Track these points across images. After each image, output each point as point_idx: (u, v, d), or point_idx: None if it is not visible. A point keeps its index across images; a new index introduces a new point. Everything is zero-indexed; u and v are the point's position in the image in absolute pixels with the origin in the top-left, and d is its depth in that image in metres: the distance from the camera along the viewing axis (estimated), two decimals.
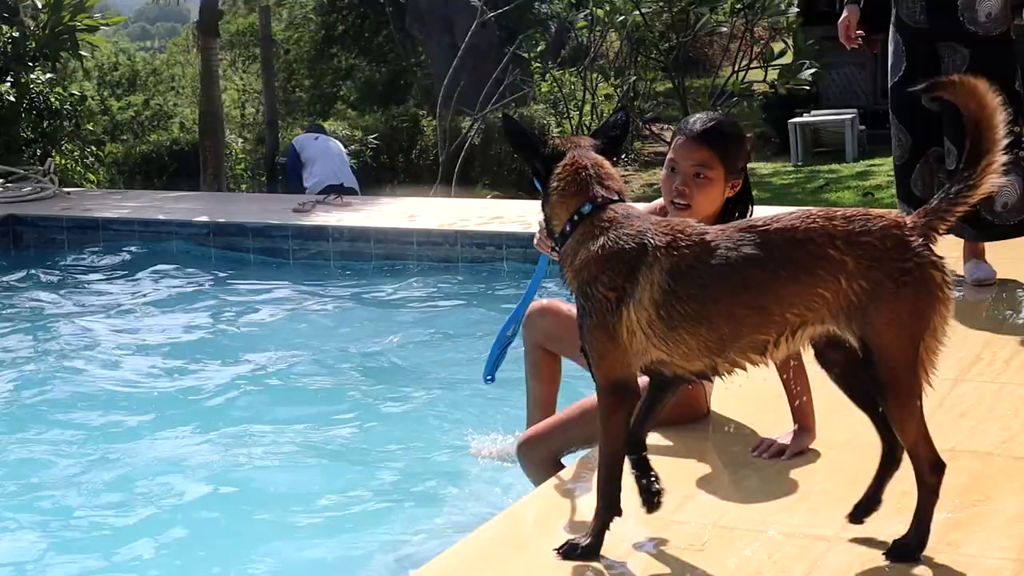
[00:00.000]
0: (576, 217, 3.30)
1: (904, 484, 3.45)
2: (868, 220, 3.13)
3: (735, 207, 4.13)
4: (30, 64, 13.10)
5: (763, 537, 3.38)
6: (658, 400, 3.44)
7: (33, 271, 9.88)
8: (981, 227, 6.33)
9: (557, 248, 3.39)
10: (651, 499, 3.41)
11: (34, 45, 13.22)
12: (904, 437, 3.23)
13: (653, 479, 3.41)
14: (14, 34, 13.08)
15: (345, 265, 9.50)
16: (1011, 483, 3.80)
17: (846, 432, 4.06)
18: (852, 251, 3.08)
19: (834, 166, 14.97)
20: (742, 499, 3.59)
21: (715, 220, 3.95)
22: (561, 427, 4.27)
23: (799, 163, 15.60)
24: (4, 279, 9.70)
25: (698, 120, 4.09)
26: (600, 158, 3.41)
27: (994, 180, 3.16)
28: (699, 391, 4.29)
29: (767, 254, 3.11)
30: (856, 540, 3.39)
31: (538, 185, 3.46)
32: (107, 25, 14.65)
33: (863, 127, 15.91)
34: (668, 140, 14.21)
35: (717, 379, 3.33)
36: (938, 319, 3.14)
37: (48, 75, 13.19)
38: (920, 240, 3.13)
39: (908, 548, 3.26)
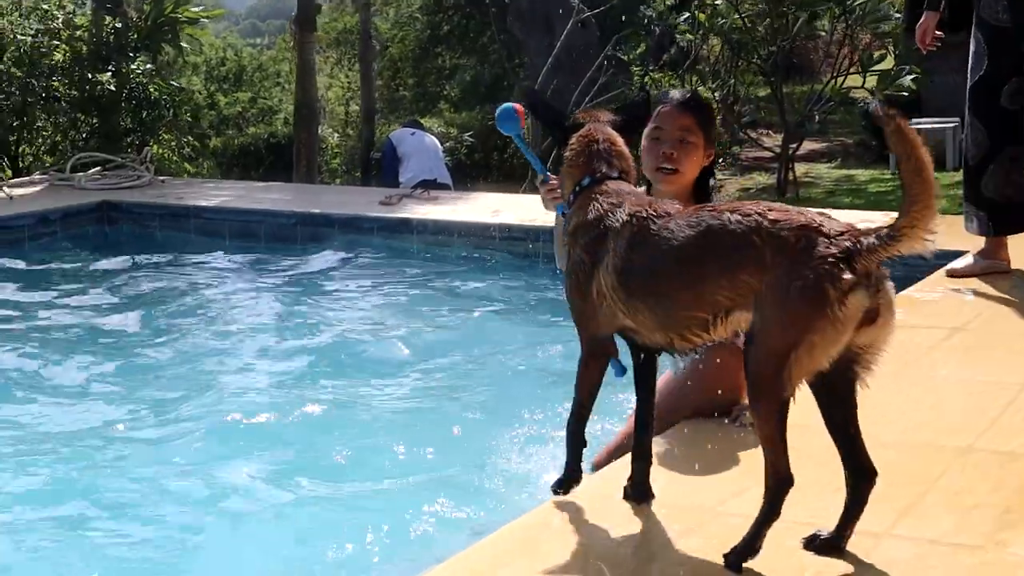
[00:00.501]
0: (578, 188, 3.57)
1: (960, 482, 3.61)
2: (793, 217, 3.11)
3: (706, 182, 4.37)
4: (131, 55, 13.30)
5: (807, 531, 3.35)
6: (644, 400, 3.62)
7: (125, 255, 10.07)
8: None
9: (567, 213, 3.63)
10: (641, 493, 3.65)
11: (136, 36, 13.44)
12: (761, 438, 3.19)
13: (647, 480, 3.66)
14: (116, 25, 13.30)
15: (427, 258, 9.53)
16: None
17: (891, 432, 4.14)
18: (771, 242, 3.07)
19: (936, 174, 14.74)
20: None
21: (693, 188, 4.31)
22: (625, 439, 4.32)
23: (896, 171, 15.34)
24: (97, 263, 9.91)
25: (677, 92, 4.43)
26: (613, 134, 3.66)
27: (916, 244, 3.01)
28: (727, 376, 4.27)
29: (704, 237, 3.19)
30: (910, 537, 3.40)
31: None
32: (207, 18, 14.83)
33: (964, 136, 15.63)
34: (765, 145, 14.00)
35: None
36: (816, 336, 3.03)
37: (148, 66, 13.36)
38: (834, 252, 3.03)
39: (735, 551, 3.22)
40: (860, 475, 3.25)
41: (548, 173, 4.17)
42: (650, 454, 3.68)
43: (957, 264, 6.77)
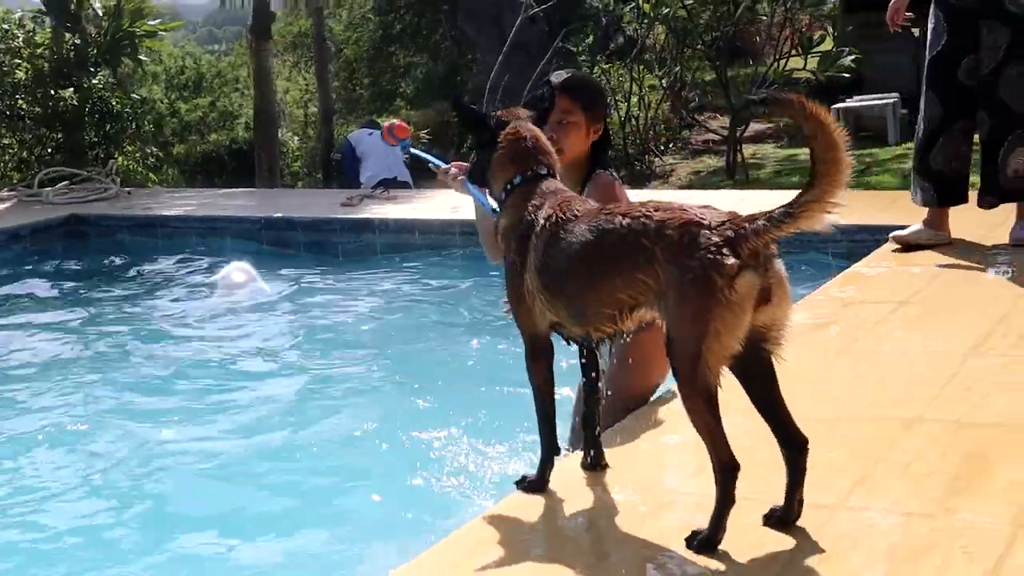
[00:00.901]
0: (509, 187, 3.69)
1: (909, 452, 3.75)
2: (676, 214, 3.22)
3: (602, 150, 4.57)
4: (92, 70, 13.54)
5: (765, 508, 3.44)
6: (589, 379, 3.82)
7: (95, 267, 10.33)
8: (992, 191, 6.74)
9: (498, 211, 3.77)
10: (595, 461, 3.90)
11: (96, 51, 13.68)
12: (698, 430, 3.26)
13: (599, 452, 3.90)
14: (76, 41, 13.54)
15: (390, 256, 9.77)
16: (1012, 452, 3.89)
17: (841, 406, 4.39)
18: (660, 242, 3.18)
19: (875, 150, 15.11)
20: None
21: (587, 161, 4.51)
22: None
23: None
24: (67, 275, 10.15)
25: (558, 75, 4.54)
26: (537, 131, 3.79)
27: (819, 219, 3.09)
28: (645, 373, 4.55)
29: (601, 240, 3.35)
30: (864, 508, 3.52)
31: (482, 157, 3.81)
32: (165, 31, 15.09)
33: (904, 111, 16.04)
34: (712, 128, 14.35)
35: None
36: (718, 323, 3.11)
37: (110, 80, 13.60)
38: (716, 241, 3.13)
39: (698, 540, 3.29)
40: (792, 446, 3.34)
41: (442, 163, 4.48)
42: (596, 422, 3.86)
43: (902, 232, 6.99)
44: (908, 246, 6.92)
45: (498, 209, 3.76)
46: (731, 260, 3.09)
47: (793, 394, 3.29)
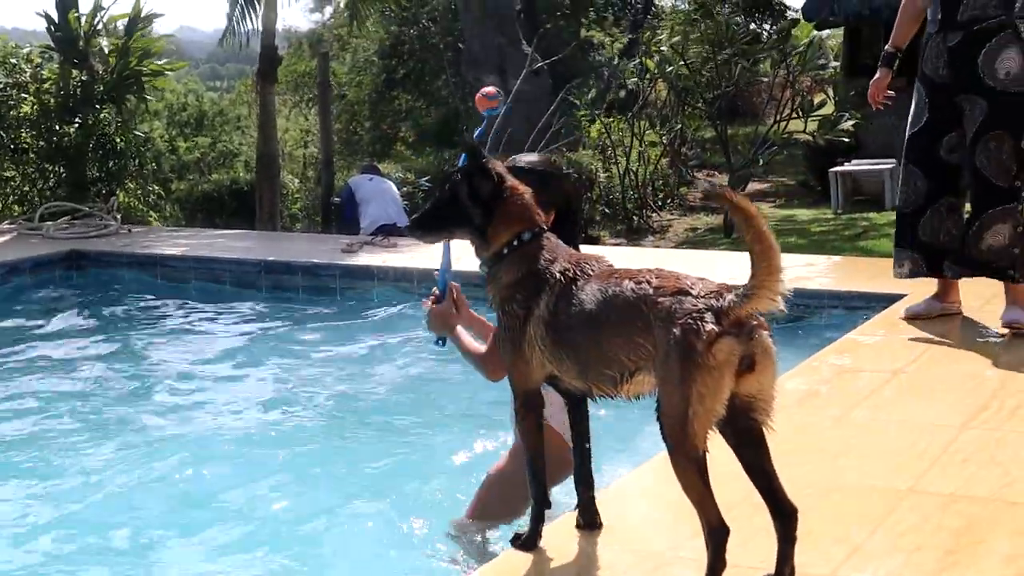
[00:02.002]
0: (516, 242, 3.71)
1: (903, 523, 3.81)
2: (670, 283, 3.35)
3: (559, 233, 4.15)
4: (97, 107, 13.64)
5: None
6: (578, 435, 3.92)
7: (93, 303, 10.36)
8: (962, 263, 6.73)
9: (486, 267, 3.78)
10: (589, 520, 3.96)
11: (101, 88, 13.78)
12: (687, 494, 3.34)
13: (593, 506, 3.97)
14: (83, 78, 13.65)
15: (389, 304, 9.75)
16: (1006, 527, 3.96)
17: (835, 474, 4.43)
18: (653, 309, 3.32)
19: (872, 214, 15.24)
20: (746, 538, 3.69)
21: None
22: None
23: (839, 211, 15.89)
24: (65, 310, 10.15)
25: (511, 161, 4.34)
26: (523, 185, 3.84)
27: (766, 303, 3.18)
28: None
29: (608, 303, 3.45)
30: None
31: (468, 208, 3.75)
32: (171, 70, 15.21)
33: None
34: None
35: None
36: (700, 387, 3.20)
37: (116, 119, 13.70)
38: (699, 307, 3.25)
39: None
40: (782, 515, 3.40)
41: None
42: (590, 482, 3.94)
43: (914, 307, 7.01)
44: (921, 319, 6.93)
45: (489, 267, 3.75)
46: (710, 326, 3.21)
47: (787, 462, 3.35)
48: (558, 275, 3.62)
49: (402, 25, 26.17)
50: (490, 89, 4.73)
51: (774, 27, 14.47)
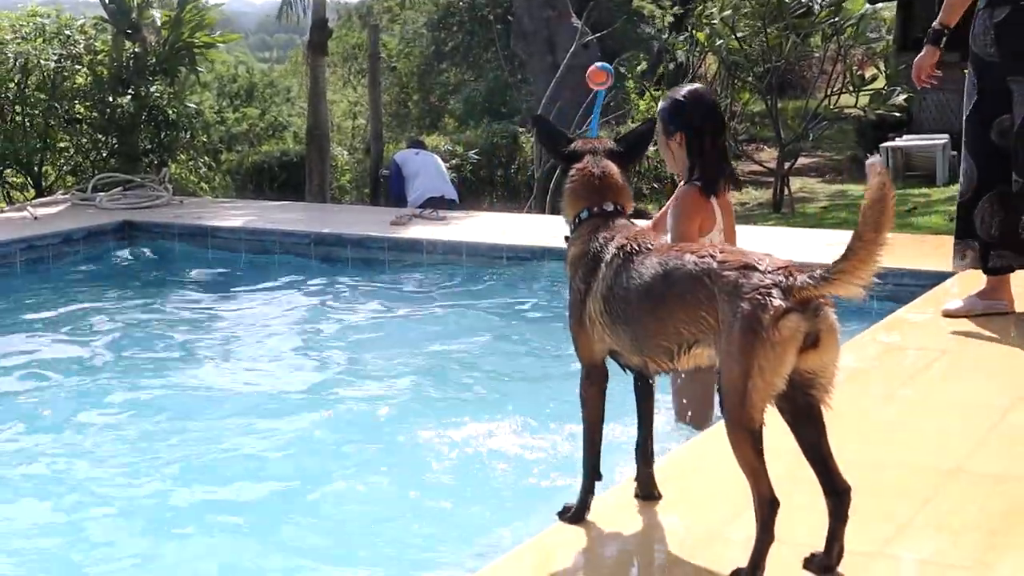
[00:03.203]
0: (577, 220, 3.89)
1: (949, 503, 3.83)
2: (737, 258, 3.39)
3: (699, 158, 4.97)
4: (149, 78, 13.74)
5: (807, 551, 3.54)
6: (643, 413, 4.01)
7: (145, 274, 10.49)
8: (1009, 246, 6.41)
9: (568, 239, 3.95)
10: (648, 492, 4.06)
11: (154, 60, 13.87)
12: (740, 466, 3.38)
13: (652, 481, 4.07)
14: (136, 50, 13.74)
15: (437, 276, 9.86)
16: None
17: (883, 453, 4.44)
18: (719, 281, 3.34)
19: (924, 190, 15.14)
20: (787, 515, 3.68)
21: (687, 172, 4.97)
22: None
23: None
24: (117, 281, 10.29)
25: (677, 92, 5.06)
26: (611, 166, 3.95)
27: (851, 289, 3.18)
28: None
29: (669, 275, 3.50)
30: (902, 558, 3.61)
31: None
32: (223, 43, 15.28)
33: (955, 152, 16.04)
34: (758, 161, 14.45)
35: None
36: (762, 361, 3.22)
37: (168, 90, 13.79)
38: (767, 283, 3.26)
39: None
40: (835, 494, 3.43)
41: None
42: (651, 459, 4.03)
43: (951, 306, 6.62)
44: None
45: (568, 235, 3.94)
46: (778, 302, 3.23)
47: (835, 438, 3.37)
48: (615, 250, 3.70)
49: None
50: (602, 66, 5.05)
51: (826, 0, 14.26)
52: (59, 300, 9.53)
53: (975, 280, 6.65)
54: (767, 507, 3.35)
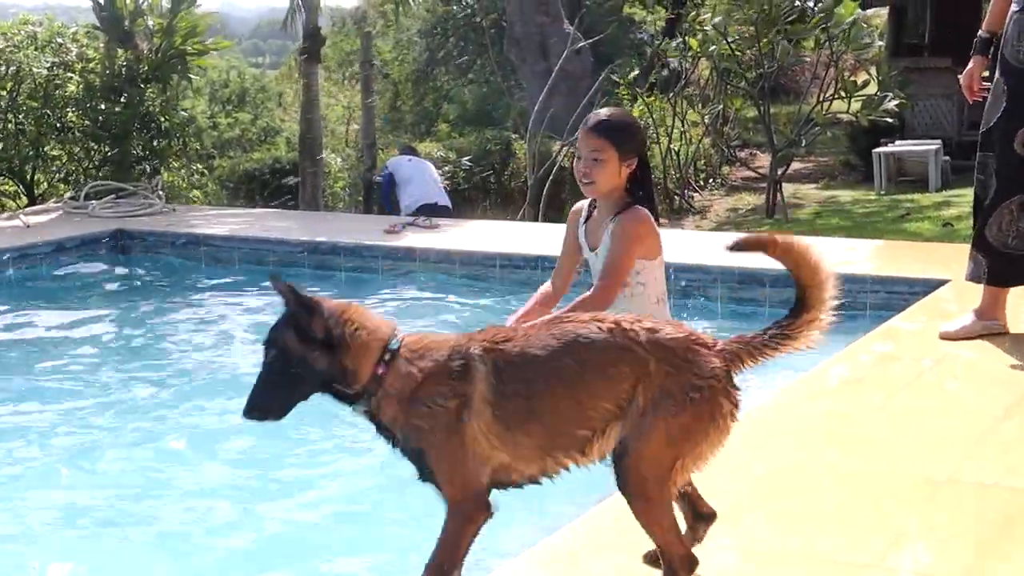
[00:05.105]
0: (388, 356, 3.30)
1: (942, 513, 3.84)
2: (675, 328, 3.23)
3: (638, 185, 4.80)
4: (142, 86, 13.72)
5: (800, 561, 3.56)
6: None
7: (138, 283, 10.46)
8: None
9: (364, 402, 3.34)
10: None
11: (146, 68, 13.86)
12: (653, 538, 3.25)
13: None
14: (128, 57, 13.73)
15: (431, 285, 9.81)
16: None
17: (875, 463, 4.43)
18: (655, 352, 3.14)
19: (916, 196, 15.16)
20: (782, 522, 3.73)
21: (620, 199, 4.75)
22: None
23: (882, 192, 15.82)
24: (110, 289, 10.26)
25: (596, 114, 4.82)
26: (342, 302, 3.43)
27: (814, 337, 3.21)
28: None
29: (582, 349, 3.19)
30: (894, 569, 3.59)
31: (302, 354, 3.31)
32: (216, 50, 15.29)
33: (947, 158, 16.09)
34: (751, 167, 14.50)
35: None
36: (707, 446, 3.15)
37: (160, 98, 13.79)
38: (720, 364, 3.16)
39: None
40: (702, 518, 3.46)
41: None
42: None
43: (950, 327, 6.37)
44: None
45: (369, 396, 3.33)
46: (737, 390, 3.19)
47: (827, 448, 3.37)
48: (479, 351, 3.28)
49: (446, 3, 26.19)
50: None
51: (818, 5, 14.29)
52: (52, 309, 9.49)
53: (969, 290, 6.58)
54: (690, 565, 3.28)
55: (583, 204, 4.98)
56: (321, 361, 3.27)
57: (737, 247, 3.32)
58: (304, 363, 3.28)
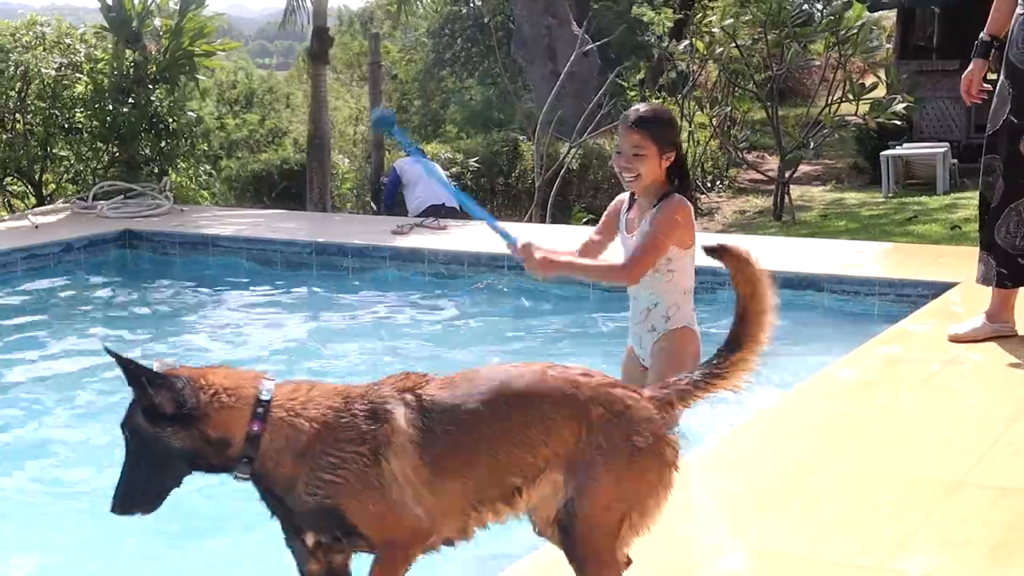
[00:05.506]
0: (260, 409, 3.00)
1: (952, 516, 3.81)
2: (613, 380, 3.11)
3: (675, 175, 4.94)
4: (150, 87, 13.74)
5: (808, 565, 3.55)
6: None
7: (146, 283, 10.46)
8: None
9: (243, 467, 3.01)
10: None
11: (154, 68, 13.87)
12: None
13: None
14: (136, 58, 13.73)
15: (438, 286, 9.85)
16: None
17: (885, 466, 4.42)
18: (597, 399, 3.00)
19: (923, 198, 15.15)
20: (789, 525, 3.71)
21: (660, 188, 4.89)
22: None
23: (889, 195, 15.81)
24: (118, 290, 10.27)
25: (633, 110, 4.93)
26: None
27: (743, 379, 3.09)
28: None
29: (518, 394, 3.02)
30: (905, 572, 3.59)
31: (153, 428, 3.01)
32: (223, 51, 15.30)
33: (955, 160, 16.06)
34: (759, 169, 14.45)
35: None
36: (653, 501, 3.00)
37: (168, 99, 13.80)
38: (657, 414, 3.04)
39: None
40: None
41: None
42: None
43: (960, 329, 6.35)
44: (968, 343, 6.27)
45: (247, 461, 3.01)
46: (677, 439, 3.06)
47: (836, 452, 3.36)
48: (398, 395, 3.05)
49: (454, 4, 26.20)
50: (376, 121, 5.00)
51: (827, 8, 14.29)
52: (60, 309, 9.52)
53: (978, 292, 6.56)
54: None
55: (625, 196, 5.14)
56: (181, 439, 2.96)
57: (712, 252, 3.30)
58: (162, 445, 2.97)
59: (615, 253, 5.11)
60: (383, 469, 2.92)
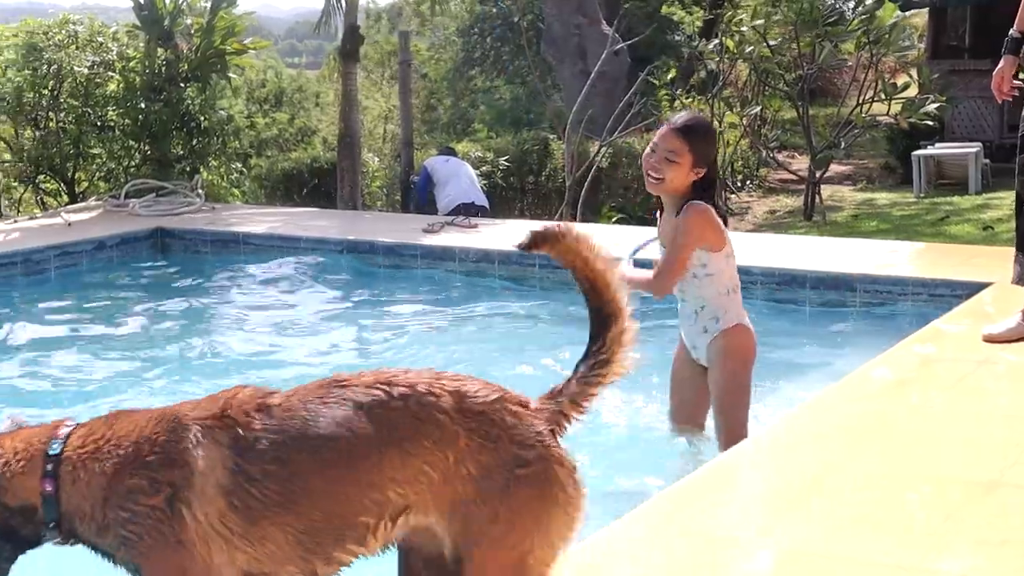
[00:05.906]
0: (50, 466, 2.70)
1: (988, 516, 3.81)
2: (485, 389, 2.70)
3: (702, 191, 4.99)
4: (181, 85, 13.80)
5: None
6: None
7: (177, 281, 10.51)
8: None
9: (51, 532, 2.72)
10: None
11: (186, 67, 13.93)
12: None
13: None
14: (168, 57, 13.81)
15: (470, 284, 9.86)
16: None
17: (920, 466, 4.40)
18: (465, 422, 2.61)
19: (955, 199, 15.09)
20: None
21: (682, 198, 4.95)
22: None
23: (921, 195, 15.75)
24: (151, 288, 10.32)
25: (681, 116, 4.99)
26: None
27: (630, 353, 2.75)
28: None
29: (364, 415, 2.62)
30: (940, 572, 3.56)
31: None
32: (254, 49, 15.37)
33: (987, 160, 15.99)
34: (789, 169, 14.42)
35: None
36: (556, 526, 2.62)
37: (200, 97, 13.86)
38: (545, 427, 2.67)
39: None
40: None
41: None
42: None
43: (994, 329, 6.23)
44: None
45: (54, 526, 2.72)
46: (567, 456, 2.70)
47: (869, 451, 3.34)
48: (210, 417, 2.69)
49: (483, 3, 26.22)
50: None
51: (859, 7, 14.24)
52: (92, 307, 9.56)
53: (1011, 292, 6.53)
54: None
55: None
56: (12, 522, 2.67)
57: (527, 247, 2.83)
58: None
59: None
60: (183, 521, 2.55)
